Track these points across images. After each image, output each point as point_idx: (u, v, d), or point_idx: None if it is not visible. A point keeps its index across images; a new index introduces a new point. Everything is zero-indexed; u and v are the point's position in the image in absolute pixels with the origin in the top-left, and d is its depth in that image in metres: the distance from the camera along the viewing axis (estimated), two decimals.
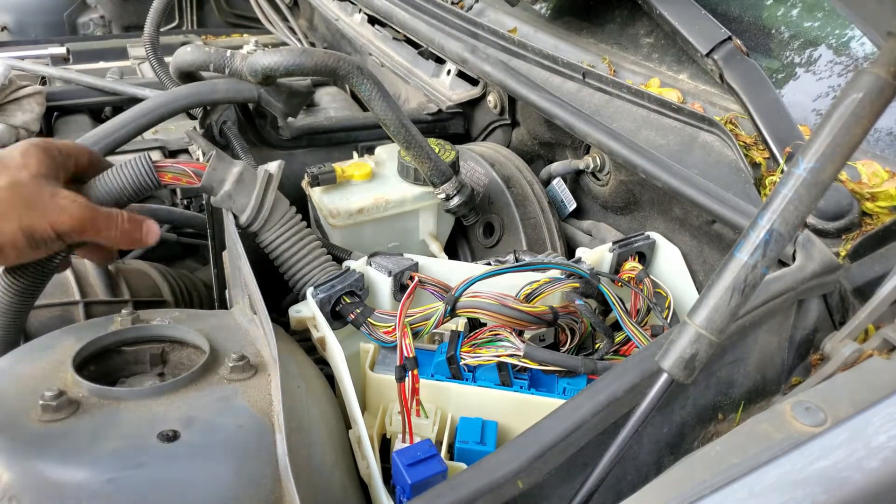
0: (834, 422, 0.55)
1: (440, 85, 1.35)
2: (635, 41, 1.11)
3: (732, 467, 0.51)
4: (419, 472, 0.61)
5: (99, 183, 0.80)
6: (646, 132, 0.95)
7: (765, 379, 0.73)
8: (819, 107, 0.93)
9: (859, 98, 0.50)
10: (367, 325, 0.76)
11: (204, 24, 2.33)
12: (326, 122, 1.29)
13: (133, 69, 1.75)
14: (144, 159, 0.79)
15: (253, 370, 0.64)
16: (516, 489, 0.55)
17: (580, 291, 0.77)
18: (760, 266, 0.52)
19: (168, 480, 0.54)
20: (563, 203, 1.15)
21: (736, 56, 0.91)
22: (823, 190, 0.51)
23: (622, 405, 0.60)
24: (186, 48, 0.97)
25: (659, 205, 0.99)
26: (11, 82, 1.14)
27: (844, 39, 0.97)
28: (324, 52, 0.91)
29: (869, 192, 0.76)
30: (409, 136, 0.94)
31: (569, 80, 1.08)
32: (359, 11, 1.64)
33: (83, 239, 0.65)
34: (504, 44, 1.18)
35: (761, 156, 0.84)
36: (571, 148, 1.15)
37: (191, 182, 0.81)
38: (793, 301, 0.72)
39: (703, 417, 0.69)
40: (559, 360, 0.70)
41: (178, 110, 0.95)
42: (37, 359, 0.65)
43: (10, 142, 1.12)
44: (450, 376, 0.73)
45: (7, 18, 2.21)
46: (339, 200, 0.99)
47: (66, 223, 0.61)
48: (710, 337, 0.52)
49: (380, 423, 0.72)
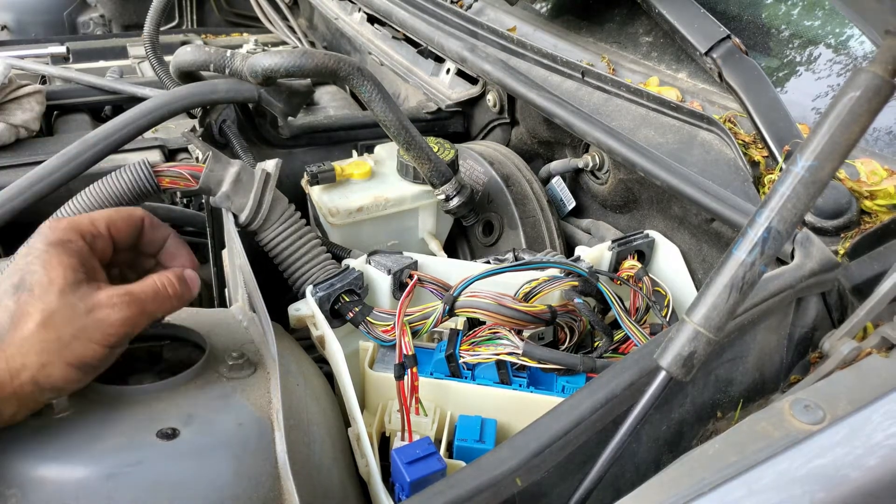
0: (832, 420, 0.55)
1: (439, 84, 1.35)
2: (634, 40, 1.11)
3: (731, 465, 0.51)
4: (418, 469, 0.61)
5: (97, 190, 0.80)
6: (645, 131, 0.95)
7: (763, 377, 0.73)
8: (818, 105, 0.93)
9: (857, 96, 0.50)
10: (366, 324, 0.76)
11: (204, 23, 2.33)
12: (326, 120, 1.29)
13: (133, 68, 1.75)
14: (143, 165, 0.80)
15: (252, 368, 0.64)
16: (515, 487, 0.55)
17: (579, 290, 0.77)
18: (759, 264, 0.52)
19: (167, 478, 0.54)
20: (563, 201, 1.15)
21: (735, 55, 0.91)
22: (822, 188, 0.51)
23: (621, 403, 0.60)
24: (186, 48, 0.98)
25: (658, 203, 0.99)
26: (11, 81, 1.14)
27: (843, 38, 0.97)
28: (324, 53, 0.91)
29: (867, 190, 0.76)
30: (410, 137, 0.95)
31: (568, 78, 1.08)
32: (358, 10, 1.64)
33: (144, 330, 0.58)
34: (503, 42, 1.18)
35: (760, 154, 0.84)
36: (570, 146, 1.15)
37: (188, 185, 0.81)
38: (791, 299, 0.72)
39: (702, 415, 0.69)
40: (558, 359, 0.70)
41: (179, 110, 0.95)
42: None
43: (10, 140, 1.12)
44: (449, 374, 0.73)
45: (7, 17, 2.21)
46: (339, 199, 0.99)
47: (115, 335, 0.54)
48: (709, 335, 0.52)
49: (379, 421, 0.73)
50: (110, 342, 0.54)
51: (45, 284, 0.52)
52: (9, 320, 0.52)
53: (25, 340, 0.51)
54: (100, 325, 0.53)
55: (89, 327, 0.53)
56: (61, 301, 0.52)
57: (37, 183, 0.85)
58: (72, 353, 0.52)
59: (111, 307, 0.54)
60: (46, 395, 0.53)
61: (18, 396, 0.51)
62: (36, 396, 0.52)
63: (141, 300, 0.56)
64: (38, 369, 0.51)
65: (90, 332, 0.53)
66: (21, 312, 0.52)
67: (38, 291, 0.52)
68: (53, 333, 0.52)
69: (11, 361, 0.51)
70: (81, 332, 0.52)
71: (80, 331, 0.52)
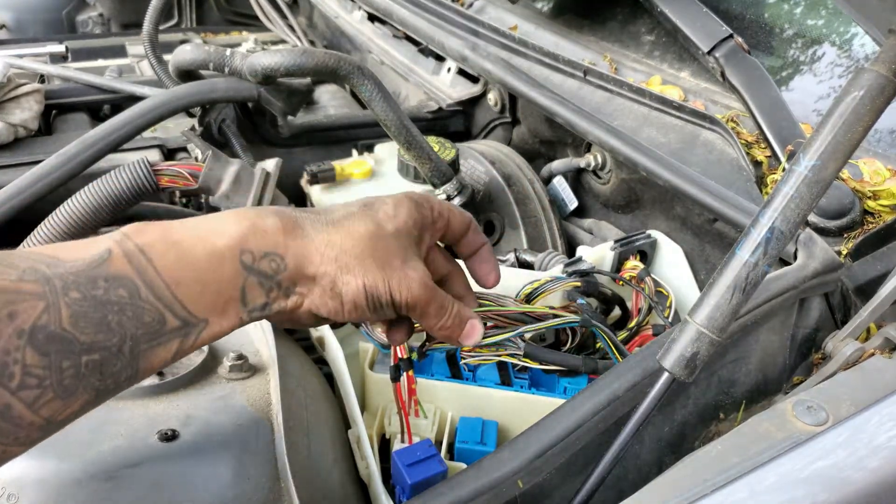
0: (835, 421, 0.54)
1: (440, 83, 1.35)
2: (636, 39, 1.11)
3: (733, 466, 0.51)
4: (419, 472, 0.61)
5: (96, 189, 0.80)
6: (647, 130, 0.95)
7: (766, 378, 0.73)
8: (820, 105, 0.93)
9: (860, 96, 0.50)
10: (366, 325, 0.76)
11: (203, 21, 2.33)
12: (326, 119, 1.28)
13: (132, 67, 1.74)
14: (143, 164, 0.79)
15: (252, 369, 0.64)
16: (517, 489, 0.55)
17: (581, 290, 0.77)
18: (762, 264, 0.51)
19: (167, 480, 0.53)
20: (564, 201, 1.14)
21: (737, 54, 0.90)
22: (825, 188, 0.51)
23: (623, 404, 0.60)
24: (186, 47, 0.97)
25: (660, 203, 0.99)
26: (10, 80, 1.13)
27: (846, 37, 0.97)
28: (324, 52, 0.90)
29: (871, 190, 0.76)
30: (410, 136, 0.94)
31: (570, 77, 1.08)
32: (358, 9, 1.64)
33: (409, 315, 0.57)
34: (505, 41, 1.18)
35: (763, 154, 0.84)
36: (572, 146, 1.15)
37: (187, 184, 0.81)
38: (794, 300, 0.71)
39: (705, 416, 0.69)
40: (560, 360, 0.70)
41: (178, 109, 0.95)
42: None
43: (9, 140, 1.12)
44: (450, 376, 0.73)
45: (6, 16, 2.21)
46: (339, 199, 0.99)
47: (405, 298, 0.52)
48: (712, 336, 0.52)
49: (379, 422, 0.72)
50: (396, 298, 0.52)
51: (387, 216, 0.53)
52: (344, 214, 0.53)
53: (351, 237, 0.51)
54: (403, 278, 0.52)
55: (395, 272, 0.52)
56: (391, 235, 0.52)
57: (35, 182, 0.85)
58: (373, 278, 0.51)
59: (418, 277, 0.53)
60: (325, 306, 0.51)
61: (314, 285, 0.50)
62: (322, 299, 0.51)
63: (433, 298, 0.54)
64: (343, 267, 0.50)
65: (393, 276, 0.52)
66: (359, 214, 0.53)
67: (380, 216, 0.53)
68: (374, 249, 0.51)
69: (328, 248, 0.50)
70: (388, 268, 0.51)
71: (388, 266, 0.51)
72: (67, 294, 0.41)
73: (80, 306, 0.41)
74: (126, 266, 0.44)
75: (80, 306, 0.41)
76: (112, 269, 0.43)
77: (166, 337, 0.45)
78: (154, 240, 0.46)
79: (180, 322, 0.45)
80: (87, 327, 0.41)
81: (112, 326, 0.42)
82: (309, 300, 0.51)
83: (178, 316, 0.45)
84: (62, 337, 0.40)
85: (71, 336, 0.41)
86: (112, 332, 0.42)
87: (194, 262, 0.46)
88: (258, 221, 0.49)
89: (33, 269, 0.41)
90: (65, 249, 0.44)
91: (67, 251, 0.44)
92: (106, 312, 0.42)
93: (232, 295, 0.47)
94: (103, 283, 0.43)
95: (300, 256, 0.49)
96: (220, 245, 0.47)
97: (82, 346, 0.41)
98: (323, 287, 0.50)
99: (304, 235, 0.50)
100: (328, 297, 0.51)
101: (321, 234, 0.51)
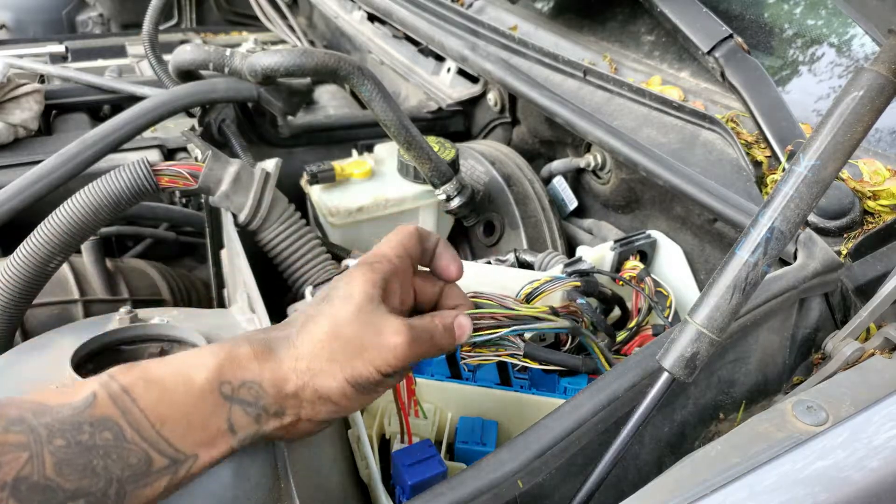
0: (835, 421, 0.54)
1: (440, 83, 1.35)
2: (636, 39, 1.11)
3: (733, 467, 0.51)
4: (419, 472, 0.61)
5: (95, 189, 0.80)
6: (647, 130, 0.95)
7: (766, 378, 0.73)
8: (820, 105, 0.93)
9: (860, 96, 0.50)
10: None
11: (203, 21, 2.33)
12: (326, 120, 1.29)
13: (132, 67, 1.74)
14: (142, 164, 0.79)
15: None
16: (517, 489, 0.55)
17: (581, 290, 0.77)
18: (762, 264, 0.51)
19: None
20: (564, 201, 1.14)
21: (737, 54, 0.90)
22: (825, 188, 0.51)
23: (623, 404, 0.60)
24: (186, 47, 0.97)
25: (660, 203, 0.99)
26: (10, 80, 1.13)
27: (846, 37, 0.97)
28: (324, 52, 0.90)
29: (870, 190, 0.76)
30: (410, 137, 0.94)
31: (569, 77, 1.08)
32: (358, 9, 1.64)
33: None
34: (504, 41, 1.18)
35: (763, 154, 0.84)
36: (572, 146, 1.15)
37: (187, 184, 0.81)
38: (794, 300, 0.71)
39: (705, 417, 0.69)
40: (560, 360, 0.70)
41: (178, 110, 0.95)
42: (35, 357, 0.65)
43: (9, 140, 1.12)
44: (450, 376, 0.73)
45: (6, 16, 2.21)
46: (339, 199, 0.99)
47: (392, 364, 0.52)
48: (711, 336, 0.52)
49: (379, 423, 0.72)
50: (384, 370, 0.52)
51: (343, 297, 0.53)
52: (303, 322, 0.52)
53: (314, 344, 0.51)
54: (382, 349, 0.52)
55: (372, 349, 0.51)
56: (355, 314, 0.52)
57: (35, 183, 0.85)
58: (352, 369, 0.51)
59: (395, 337, 0.52)
60: (321, 412, 0.51)
61: (299, 400, 0.50)
62: (314, 408, 0.51)
63: (419, 341, 0.54)
64: (318, 374, 0.50)
65: (372, 354, 0.51)
66: (316, 316, 0.52)
67: (336, 304, 0.53)
68: (340, 343, 0.51)
69: (298, 361, 0.50)
70: (363, 351, 0.51)
71: (363, 350, 0.51)
72: (52, 442, 0.42)
73: (65, 453, 0.42)
74: (111, 408, 0.44)
75: (65, 453, 0.42)
76: (97, 413, 0.44)
77: (154, 476, 0.45)
78: (136, 378, 0.46)
79: (168, 460, 0.45)
80: (71, 474, 0.42)
81: (97, 471, 0.42)
82: (304, 413, 0.51)
83: (166, 454, 0.45)
84: (45, 486, 0.41)
85: (55, 484, 0.41)
86: (98, 477, 0.42)
87: (177, 399, 0.46)
88: (232, 351, 0.50)
89: (20, 419, 0.42)
90: (53, 395, 0.44)
91: (55, 397, 0.44)
92: (91, 457, 0.42)
93: (219, 427, 0.47)
94: (88, 427, 0.43)
95: (277, 379, 0.50)
96: (199, 380, 0.47)
97: (66, 494, 0.41)
98: (309, 399, 0.51)
99: (275, 358, 0.50)
100: (319, 405, 0.51)
101: (289, 350, 0.51)
